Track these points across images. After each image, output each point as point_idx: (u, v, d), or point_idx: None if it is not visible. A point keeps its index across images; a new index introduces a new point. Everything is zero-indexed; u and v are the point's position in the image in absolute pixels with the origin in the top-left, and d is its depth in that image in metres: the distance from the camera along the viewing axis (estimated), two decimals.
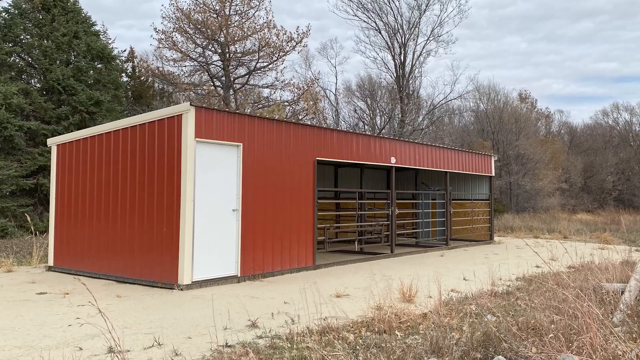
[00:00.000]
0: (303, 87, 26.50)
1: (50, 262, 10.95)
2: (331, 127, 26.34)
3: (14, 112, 17.79)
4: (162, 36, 23.95)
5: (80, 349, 4.96)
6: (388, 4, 33.27)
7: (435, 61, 58.08)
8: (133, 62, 27.13)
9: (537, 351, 4.11)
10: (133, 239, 9.06)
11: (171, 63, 24.91)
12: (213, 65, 25.39)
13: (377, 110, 36.18)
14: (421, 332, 5.20)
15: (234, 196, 9.07)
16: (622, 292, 6.11)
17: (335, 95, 37.15)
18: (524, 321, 5.06)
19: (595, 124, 51.19)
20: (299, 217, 10.26)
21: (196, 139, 8.42)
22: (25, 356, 4.78)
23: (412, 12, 33.44)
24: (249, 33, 24.18)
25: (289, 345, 4.86)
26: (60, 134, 16.74)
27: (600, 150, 45.24)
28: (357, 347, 4.63)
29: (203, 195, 8.53)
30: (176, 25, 23.97)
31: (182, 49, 24.20)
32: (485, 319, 5.52)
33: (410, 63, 34.37)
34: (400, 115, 33.52)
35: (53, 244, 10.98)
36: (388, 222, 13.30)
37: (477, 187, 17.85)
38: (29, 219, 12.13)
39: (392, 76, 35.21)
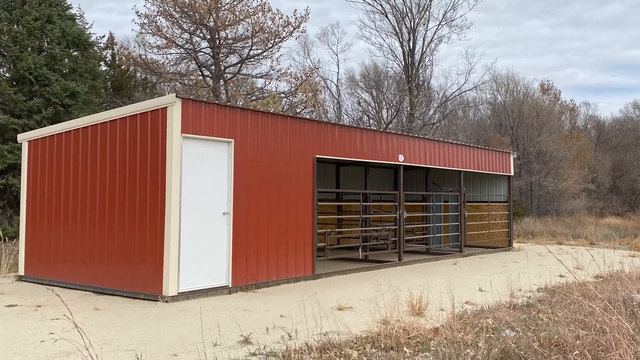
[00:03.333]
0: (301, 77, 26.52)
1: (21, 271, 10.95)
2: (332, 121, 26.36)
3: None
4: (145, 20, 23.96)
5: None
6: None
7: (448, 48, 58.30)
8: (113, 50, 27.12)
9: None
10: (113, 246, 9.06)
11: (155, 50, 24.93)
12: (201, 53, 25.40)
13: (384, 103, 36.20)
14: (432, 348, 5.20)
15: (224, 198, 9.08)
16: None
17: (337, 86, 37.18)
18: (546, 336, 5.06)
19: (625, 118, 51.22)
20: (297, 221, 10.27)
21: (182, 134, 8.42)
22: None
23: None
24: (241, 17, 24.18)
25: None
26: (32, 129, 16.74)
27: (631, 147, 45.21)
28: None
29: (190, 197, 8.53)
30: (160, 9, 23.97)
31: (167, 35, 24.20)
32: (504, 334, 5.52)
33: (420, 50, 34.39)
34: (409, 108, 33.53)
35: (24, 251, 10.98)
36: (395, 227, 13.30)
37: (494, 187, 17.85)
38: None
39: (400, 65, 35.22)
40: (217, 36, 24.38)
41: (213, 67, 25.21)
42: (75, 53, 21.07)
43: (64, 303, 4.57)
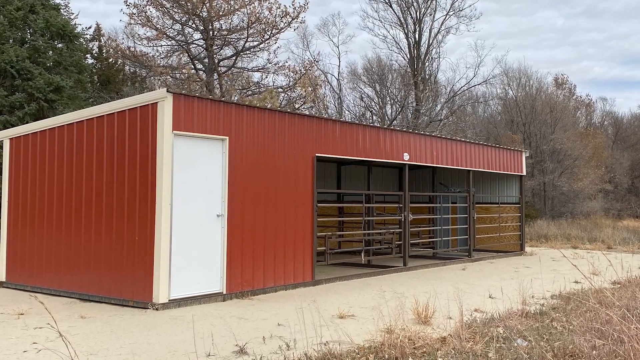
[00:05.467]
0: (300, 70, 26.52)
1: (2, 277, 10.96)
2: (333, 117, 26.34)
3: None
4: (134, 10, 23.96)
5: None
6: None
7: (456, 40, 58.39)
8: (100, 41, 27.10)
9: None
10: (100, 250, 9.06)
11: (145, 42, 24.94)
12: (194, 45, 25.41)
13: (388, 98, 36.23)
14: (439, 359, 5.21)
15: (218, 199, 9.08)
16: None
17: (338, 80, 37.20)
18: (560, 346, 5.07)
19: None
20: (295, 224, 10.27)
21: (174, 131, 8.42)
22: None
23: None
24: (237, 7, 24.19)
25: None
26: (13, 126, 16.74)
27: None
28: None
29: (182, 198, 8.53)
30: None
31: (158, 26, 24.21)
32: (515, 344, 5.52)
33: (427, 42, 34.41)
34: (414, 104, 33.54)
35: (5, 256, 10.98)
36: (400, 230, 13.30)
37: (505, 188, 17.86)
38: None
39: (405, 58, 35.24)
40: (210, 27, 24.38)
41: (206, 60, 25.20)
42: (59, 45, 21.06)
43: (47, 311, 4.57)
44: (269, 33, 24.91)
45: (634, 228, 26.21)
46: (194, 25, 24.72)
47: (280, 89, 26.21)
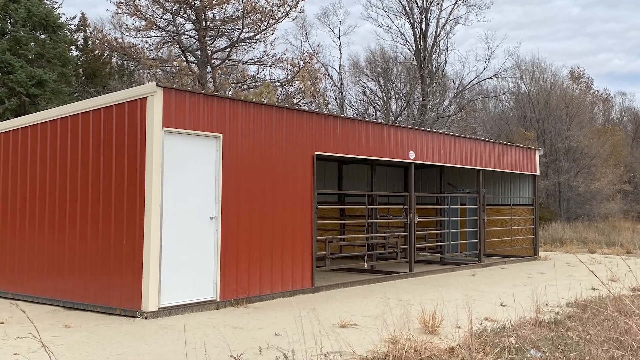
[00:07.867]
0: (299, 63, 26.53)
1: None
2: (334, 113, 26.36)
3: None
4: None
5: None
6: None
7: (465, 31, 58.42)
8: (85, 32, 27.14)
9: None
10: (85, 255, 9.07)
11: (133, 33, 24.95)
12: (185, 36, 25.43)
13: (392, 93, 36.24)
14: None
15: (211, 200, 9.08)
16: None
17: (339, 73, 37.22)
18: (576, 357, 5.07)
19: None
20: (294, 227, 10.28)
21: (164, 128, 8.43)
22: None
23: None
24: None
25: None
26: None
27: None
28: None
29: (173, 200, 8.54)
30: None
31: (147, 16, 24.22)
32: (528, 355, 5.52)
33: (434, 33, 34.41)
34: (421, 99, 33.55)
35: None
36: (406, 233, 13.31)
37: (517, 188, 17.86)
38: None
39: (411, 49, 35.24)
40: (203, 17, 24.39)
41: (199, 52, 25.22)
42: (42, 36, 21.08)
43: (29, 319, 4.57)
44: (266, 23, 24.92)
45: None
46: (185, 15, 24.73)
47: (277, 83, 26.23)
